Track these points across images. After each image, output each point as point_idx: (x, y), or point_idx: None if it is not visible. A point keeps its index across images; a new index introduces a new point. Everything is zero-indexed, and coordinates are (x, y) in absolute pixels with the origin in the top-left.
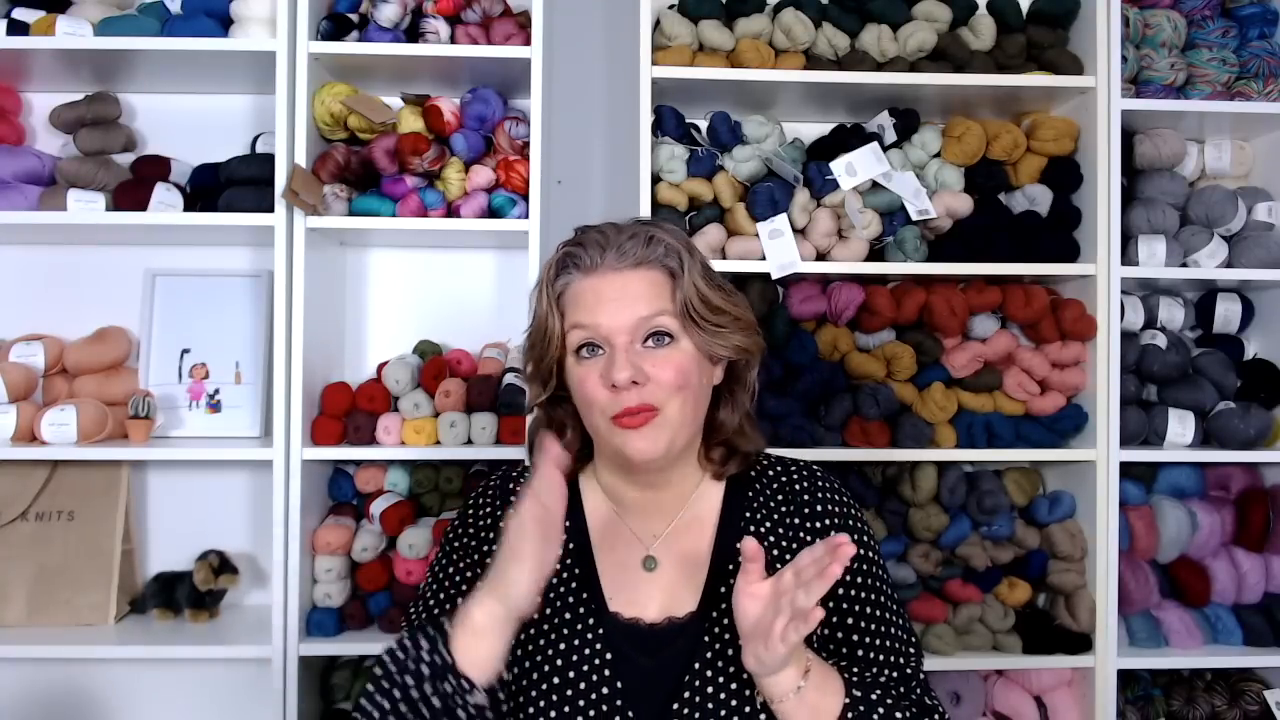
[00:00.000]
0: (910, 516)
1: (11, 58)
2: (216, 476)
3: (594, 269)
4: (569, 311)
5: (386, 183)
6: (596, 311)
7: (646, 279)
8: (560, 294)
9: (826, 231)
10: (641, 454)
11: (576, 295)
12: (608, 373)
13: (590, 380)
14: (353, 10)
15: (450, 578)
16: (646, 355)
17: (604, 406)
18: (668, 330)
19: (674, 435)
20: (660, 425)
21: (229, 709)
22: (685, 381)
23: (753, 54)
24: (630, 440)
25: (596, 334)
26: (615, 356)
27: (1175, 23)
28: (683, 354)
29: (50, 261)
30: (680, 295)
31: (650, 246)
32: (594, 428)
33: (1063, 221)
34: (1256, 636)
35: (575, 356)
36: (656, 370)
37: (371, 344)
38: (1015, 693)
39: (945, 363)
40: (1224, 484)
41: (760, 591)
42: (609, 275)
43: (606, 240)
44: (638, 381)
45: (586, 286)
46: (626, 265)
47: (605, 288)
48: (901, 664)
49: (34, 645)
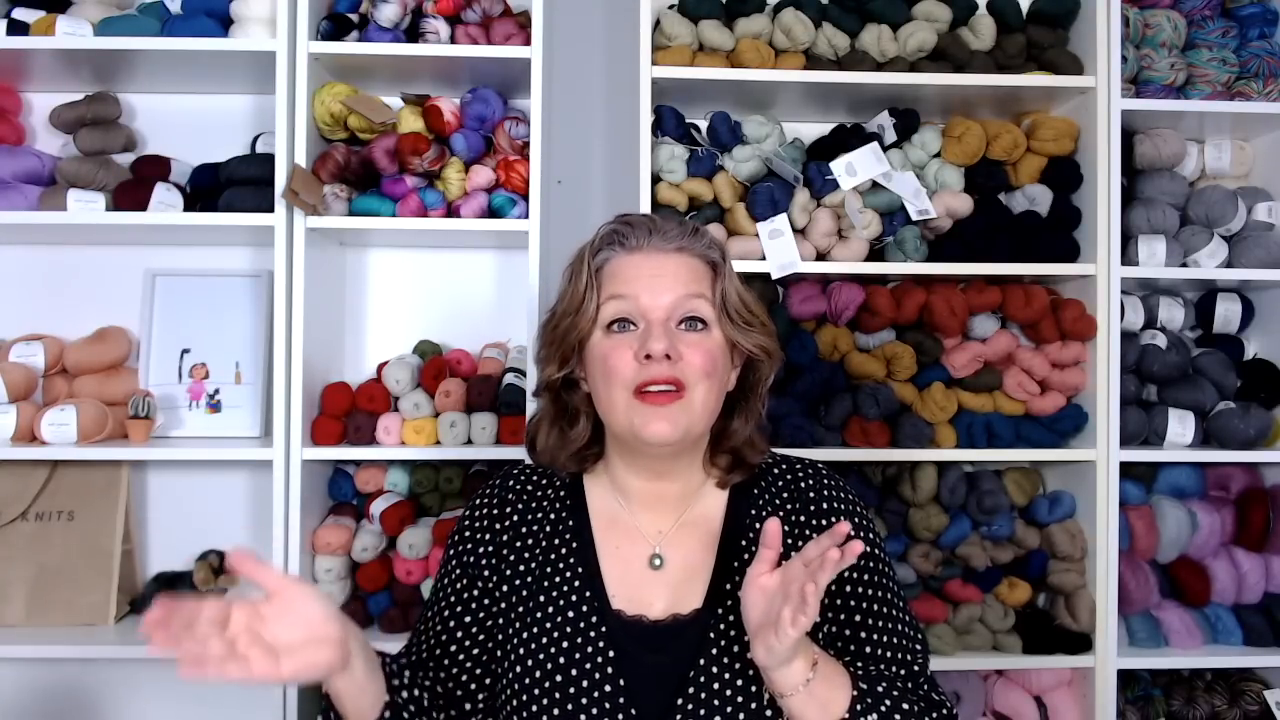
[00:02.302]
0: (910, 516)
1: (11, 58)
2: (216, 476)
3: (639, 248)
4: (606, 284)
5: (386, 183)
6: (637, 285)
7: (688, 265)
8: (600, 268)
9: (826, 231)
10: (659, 435)
11: (617, 269)
12: (642, 345)
13: (618, 351)
14: (353, 10)
15: (446, 589)
16: (680, 336)
17: (629, 379)
18: (702, 316)
19: (692, 421)
20: (683, 409)
21: (229, 709)
22: (713, 369)
23: (753, 54)
24: (650, 420)
25: (635, 306)
26: (653, 328)
27: (1175, 23)
28: (713, 342)
29: (50, 261)
30: (720, 287)
31: (696, 237)
32: (611, 404)
33: (1063, 221)
34: (1256, 636)
35: (605, 331)
36: (689, 351)
37: (371, 344)
38: (1015, 693)
39: (945, 363)
40: (1224, 484)
41: (770, 583)
42: (653, 254)
43: (653, 224)
44: (670, 356)
45: (630, 262)
46: (671, 248)
47: (648, 265)
48: (908, 661)
49: (34, 645)
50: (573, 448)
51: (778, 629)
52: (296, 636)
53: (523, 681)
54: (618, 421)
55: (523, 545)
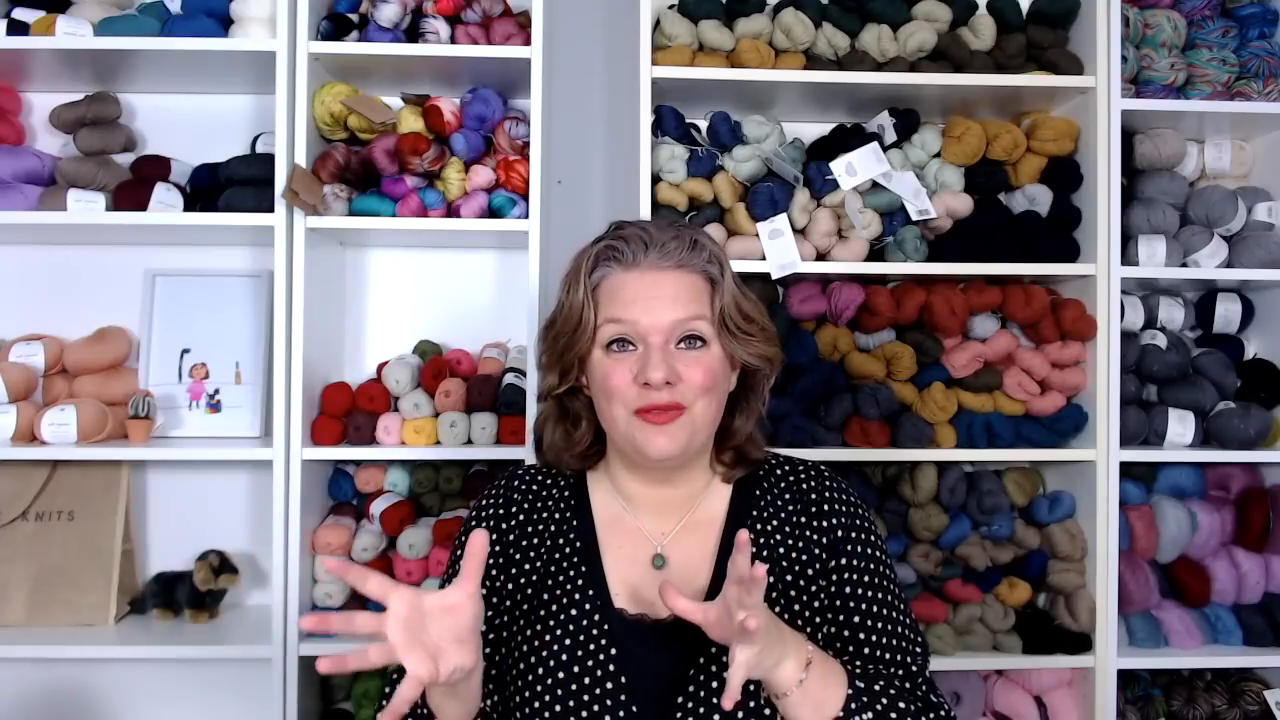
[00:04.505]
0: (910, 516)
1: (11, 58)
2: (216, 476)
3: (635, 265)
4: (604, 305)
5: (386, 183)
6: (634, 308)
7: (686, 282)
8: (597, 286)
9: (826, 231)
10: (661, 451)
11: (614, 289)
12: (642, 370)
13: (618, 373)
14: (353, 10)
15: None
16: (679, 356)
17: (629, 400)
18: (701, 335)
19: (693, 436)
20: (683, 425)
21: (229, 709)
22: (713, 384)
23: (753, 54)
24: (651, 438)
25: (633, 330)
26: (651, 355)
27: (1175, 23)
28: (713, 357)
29: (50, 261)
30: (719, 303)
31: (694, 251)
32: (613, 420)
33: (1063, 221)
34: (1256, 636)
35: (605, 350)
36: (688, 371)
37: (371, 344)
38: (1015, 693)
39: (945, 363)
40: (1224, 484)
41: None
42: (650, 273)
43: (649, 238)
44: (670, 381)
45: (626, 281)
46: (669, 265)
47: (645, 285)
48: (908, 662)
49: (34, 645)
50: (576, 449)
51: (741, 635)
52: (447, 638)
53: (526, 679)
54: (619, 436)
55: (528, 544)
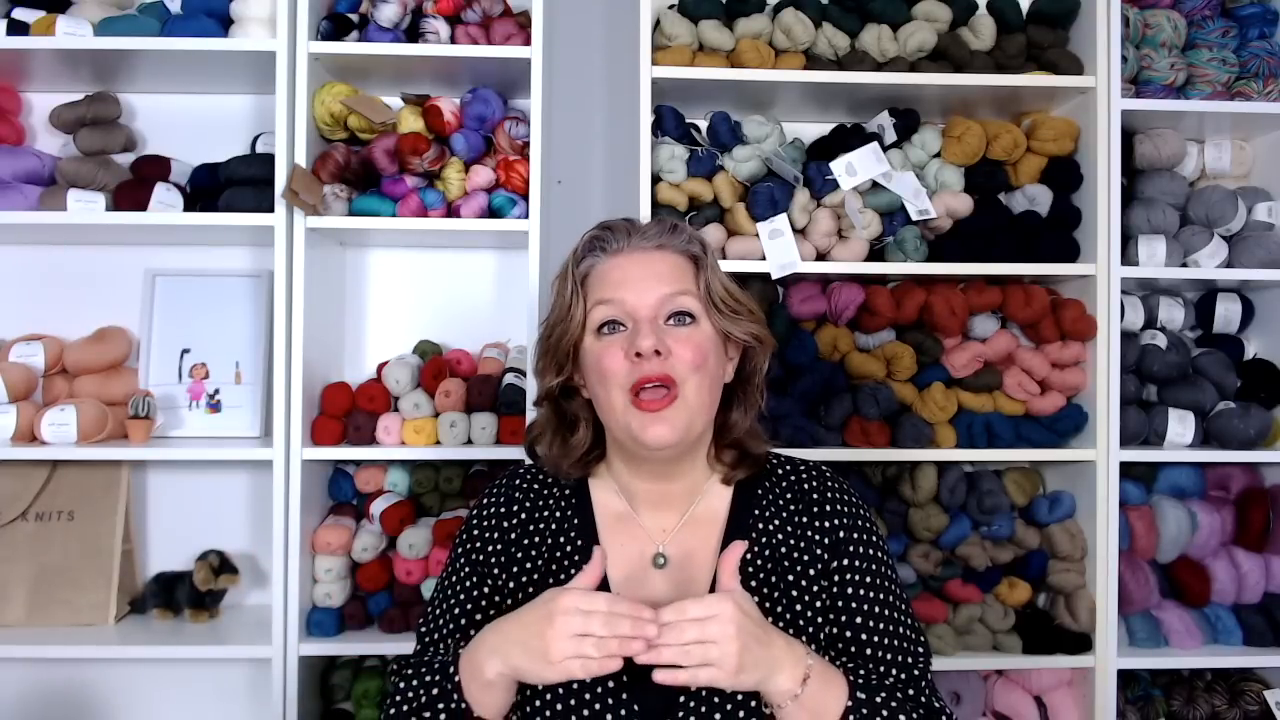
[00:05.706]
0: (910, 516)
1: (11, 58)
2: (216, 476)
3: (619, 250)
4: (593, 290)
5: (386, 183)
6: (622, 288)
7: (670, 261)
8: (585, 275)
9: (826, 231)
10: (659, 438)
11: (602, 274)
12: (632, 343)
13: (610, 352)
14: (353, 10)
15: (455, 588)
16: (669, 332)
17: (623, 379)
18: (689, 310)
19: (690, 419)
20: (678, 408)
21: (229, 709)
22: (704, 361)
23: (753, 54)
24: (648, 425)
25: (621, 309)
26: (640, 327)
27: (1175, 23)
28: (703, 335)
29: (50, 261)
30: (704, 279)
31: (674, 234)
32: (610, 408)
33: (1063, 221)
34: (1256, 636)
35: (596, 335)
36: (678, 346)
37: (371, 344)
38: (1015, 693)
39: (945, 363)
40: (1224, 484)
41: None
42: (634, 255)
43: (632, 225)
44: (660, 352)
45: (612, 265)
46: (650, 246)
47: (630, 266)
48: (909, 664)
49: (34, 645)
50: (575, 455)
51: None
52: None
53: None
54: (617, 425)
55: (529, 543)
